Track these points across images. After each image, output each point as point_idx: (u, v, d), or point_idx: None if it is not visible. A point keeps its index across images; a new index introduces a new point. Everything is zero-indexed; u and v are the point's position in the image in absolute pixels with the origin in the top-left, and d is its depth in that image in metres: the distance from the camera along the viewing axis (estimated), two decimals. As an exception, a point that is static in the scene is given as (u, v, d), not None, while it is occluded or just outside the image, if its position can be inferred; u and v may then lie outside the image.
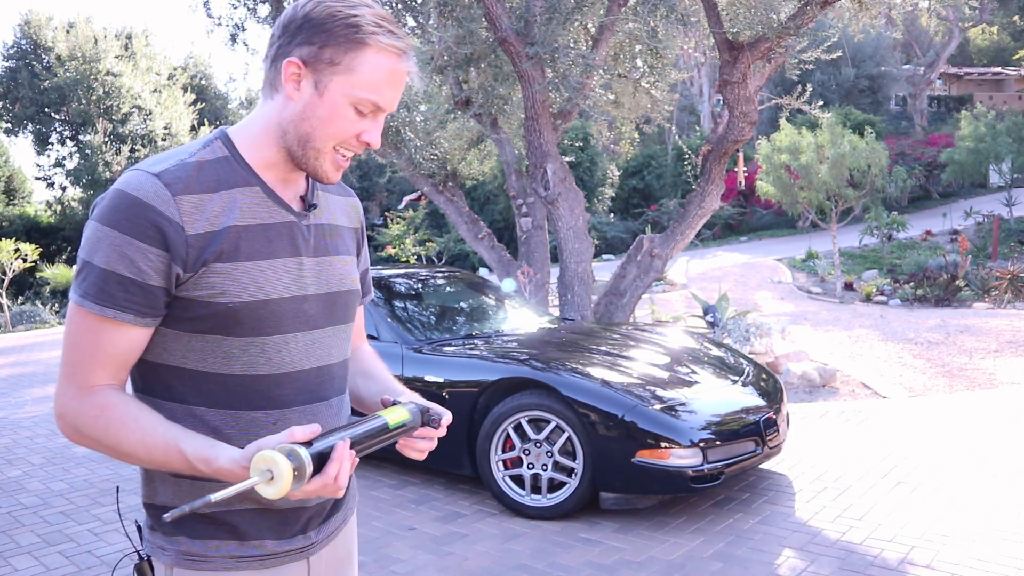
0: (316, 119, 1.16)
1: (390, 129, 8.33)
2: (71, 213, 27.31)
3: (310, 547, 1.28)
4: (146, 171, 1.13)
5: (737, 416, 3.92)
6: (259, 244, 1.18)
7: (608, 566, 3.29)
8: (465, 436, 4.09)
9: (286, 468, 0.99)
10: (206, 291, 1.14)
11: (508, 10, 6.76)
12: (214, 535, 1.20)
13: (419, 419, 1.21)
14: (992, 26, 36.13)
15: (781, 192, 14.79)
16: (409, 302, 5.22)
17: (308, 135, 1.17)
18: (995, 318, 9.90)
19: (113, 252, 1.09)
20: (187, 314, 1.15)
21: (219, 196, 1.16)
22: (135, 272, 1.09)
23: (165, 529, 1.21)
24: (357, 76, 1.14)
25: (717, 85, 6.90)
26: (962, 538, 3.43)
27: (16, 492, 4.53)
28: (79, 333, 1.13)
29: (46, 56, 26.39)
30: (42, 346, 10.98)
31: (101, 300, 1.10)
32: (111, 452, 1.14)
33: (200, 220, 1.13)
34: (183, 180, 1.13)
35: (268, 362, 1.19)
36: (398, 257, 16.02)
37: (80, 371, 1.13)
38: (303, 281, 1.22)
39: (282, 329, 1.20)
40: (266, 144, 1.20)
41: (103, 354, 1.13)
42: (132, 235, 1.09)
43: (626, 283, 7.28)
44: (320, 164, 1.19)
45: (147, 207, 1.10)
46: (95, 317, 1.11)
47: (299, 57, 1.14)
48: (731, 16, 6.55)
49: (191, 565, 1.20)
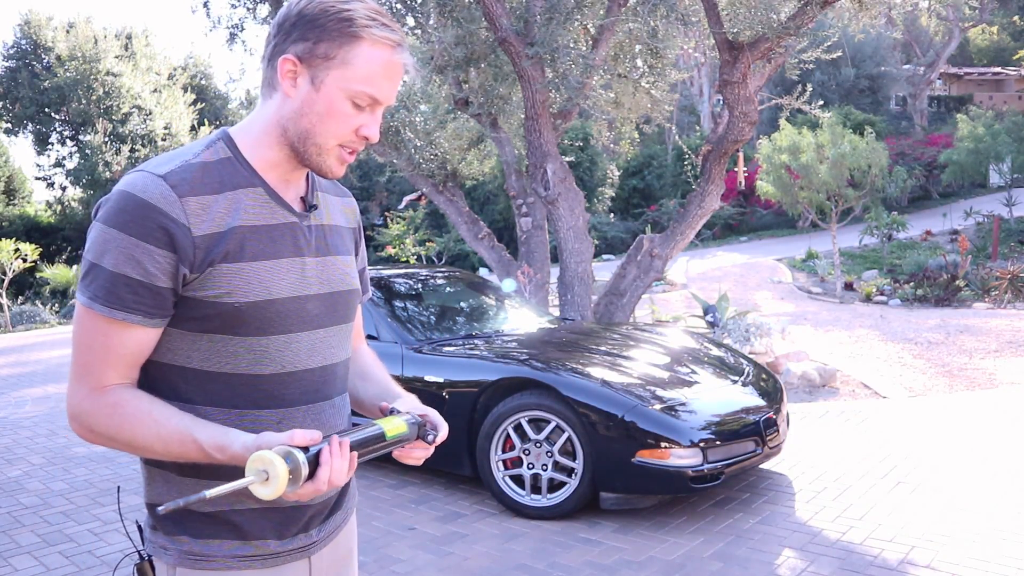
0: (314, 115, 1.16)
1: (390, 129, 8.33)
2: (71, 213, 27.31)
3: (312, 546, 1.29)
4: (152, 173, 1.13)
5: (737, 416, 3.92)
6: (263, 245, 1.19)
7: (608, 566, 3.29)
8: (465, 436, 4.09)
9: (282, 470, 1.00)
10: (212, 291, 1.14)
11: (508, 10, 6.76)
12: (216, 534, 1.21)
13: (415, 433, 1.22)
14: (992, 26, 36.13)
15: (781, 192, 14.78)
16: (409, 302, 5.22)
17: (308, 131, 1.17)
18: (995, 318, 9.90)
19: (121, 254, 1.09)
20: (193, 314, 1.16)
21: (223, 197, 1.16)
22: (143, 274, 1.10)
23: (167, 529, 1.21)
24: (352, 70, 1.14)
25: (717, 85, 6.90)
26: (962, 538, 3.43)
27: (16, 492, 4.53)
28: (89, 335, 1.14)
29: (46, 56, 26.38)
30: (42, 346, 10.97)
31: (110, 302, 1.11)
32: (128, 448, 1.14)
33: (206, 221, 1.14)
34: (188, 182, 1.14)
35: (273, 362, 1.19)
36: (398, 257, 16.02)
37: (91, 372, 1.14)
38: (306, 281, 1.23)
39: (286, 329, 1.21)
40: (267, 144, 1.21)
41: (113, 355, 1.14)
42: (139, 237, 1.09)
43: (626, 283, 7.28)
44: (324, 160, 1.20)
45: (154, 209, 1.10)
46: (104, 319, 1.12)
47: (294, 54, 1.15)
48: (731, 16, 6.55)
49: (193, 564, 1.20)
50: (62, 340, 11.62)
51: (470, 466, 4.12)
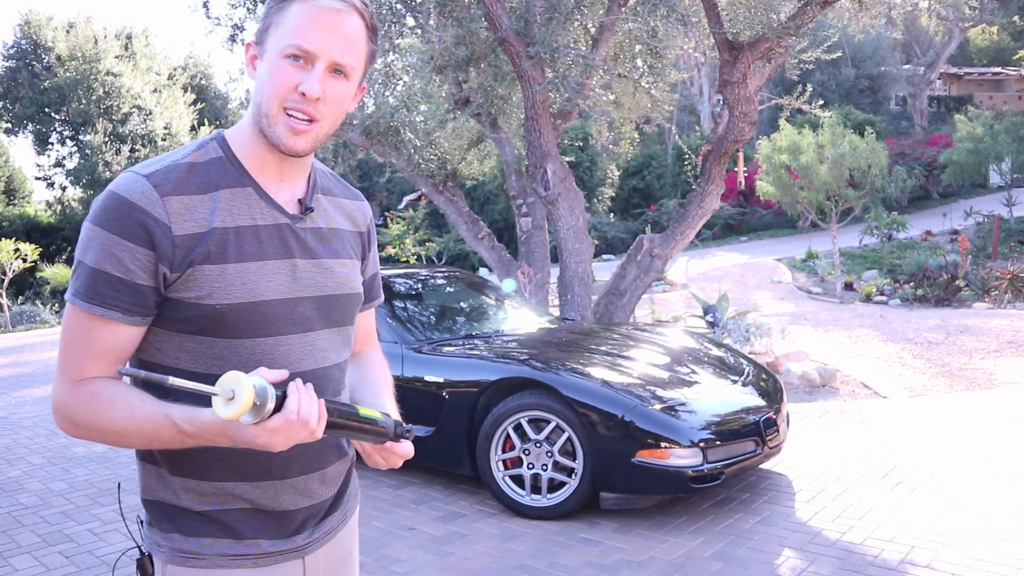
0: (261, 84, 1.18)
1: (390, 129, 8.32)
2: (71, 213, 27.30)
3: (306, 547, 1.29)
4: (137, 172, 1.16)
5: (737, 416, 3.92)
6: (249, 246, 1.18)
7: (608, 566, 3.29)
8: (465, 436, 4.09)
9: (248, 392, 0.99)
10: (194, 292, 1.15)
11: (508, 10, 6.76)
12: (208, 533, 1.21)
13: (391, 427, 1.22)
14: (992, 26, 36.12)
15: (781, 192, 14.78)
16: (409, 302, 5.22)
17: (259, 104, 1.18)
18: (995, 318, 9.90)
19: (102, 251, 1.12)
20: (177, 315, 1.16)
21: (208, 197, 1.17)
22: (122, 271, 1.12)
23: (162, 526, 1.23)
24: (283, 28, 1.16)
25: (717, 85, 6.90)
26: (962, 538, 3.43)
27: (16, 492, 4.53)
28: (72, 330, 1.16)
29: (46, 56, 26.37)
30: (42, 346, 10.98)
31: (90, 298, 1.13)
32: (105, 436, 1.15)
33: (188, 221, 1.14)
34: (172, 181, 1.15)
35: (261, 364, 1.18)
36: (398, 257, 16.03)
37: (73, 366, 1.16)
38: (297, 283, 1.23)
39: (275, 331, 1.20)
40: (252, 140, 1.22)
41: (95, 351, 1.16)
42: (120, 234, 1.11)
43: (626, 283, 7.28)
44: (275, 131, 1.18)
45: (134, 207, 1.12)
46: (85, 315, 1.14)
47: (253, 39, 1.21)
48: (731, 16, 6.55)
49: (184, 562, 1.21)
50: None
51: (470, 466, 4.12)
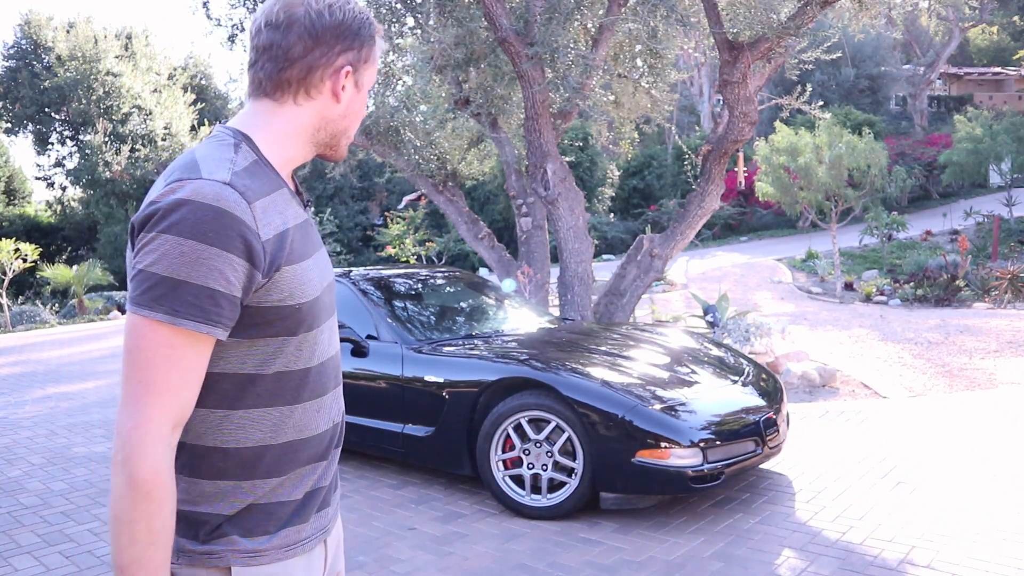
0: (353, 114, 1.27)
1: (390, 129, 8.33)
2: (71, 213, 27.32)
3: (328, 526, 1.30)
4: (216, 180, 1.09)
5: (737, 416, 3.92)
6: (303, 243, 1.21)
7: (608, 566, 3.29)
8: (465, 436, 4.09)
9: None
10: (276, 295, 1.14)
11: (508, 10, 6.76)
12: (265, 530, 1.20)
13: None
14: (992, 26, 36.12)
15: (780, 192, 14.79)
16: (409, 302, 5.22)
17: (346, 129, 1.28)
18: (995, 318, 9.90)
19: (202, 266, 1.05)
20: (255, 320, 1.14)
21: (270, 199, 1.16)
22: (224, 285, 1.07)
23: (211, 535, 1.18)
24: (373, 65, 1.27)
25: (717, 85, 6.91)
26: (962, 538, 3.43)
27: (16, 492, 4.53)
28: (165, 357, 1.06)
29: (46, 56, 26.38)
30: (42, 346, 10.98)
31: (193, 315, 1.06)
32: (148, 516, 1.06)
33: (267, 225, 1.13)
34: (250, 187, 1.12)
35: (313, 354, 1.23)
36: (398, 257, 16.03)
37: (177, 398, 1.07)
38: (325, 272, 1.28)
39: (322, 320, 1.25)
40: (293, 144, 1.24)
41: (195, 375, 1.09)
42: (221, 247, 1.06)
43: (626, 283, 7.28)
44: (341, 149, 1.30)
45: (232, 218, 1.07)
46: (185, 335, 1.06)
47: (349, 63, 1.23)
48: (731, 16, 6.56)
49: (248, 562, 1.17)
50: (62, 340, 11.62)
51: (470, 466, 4.12)
